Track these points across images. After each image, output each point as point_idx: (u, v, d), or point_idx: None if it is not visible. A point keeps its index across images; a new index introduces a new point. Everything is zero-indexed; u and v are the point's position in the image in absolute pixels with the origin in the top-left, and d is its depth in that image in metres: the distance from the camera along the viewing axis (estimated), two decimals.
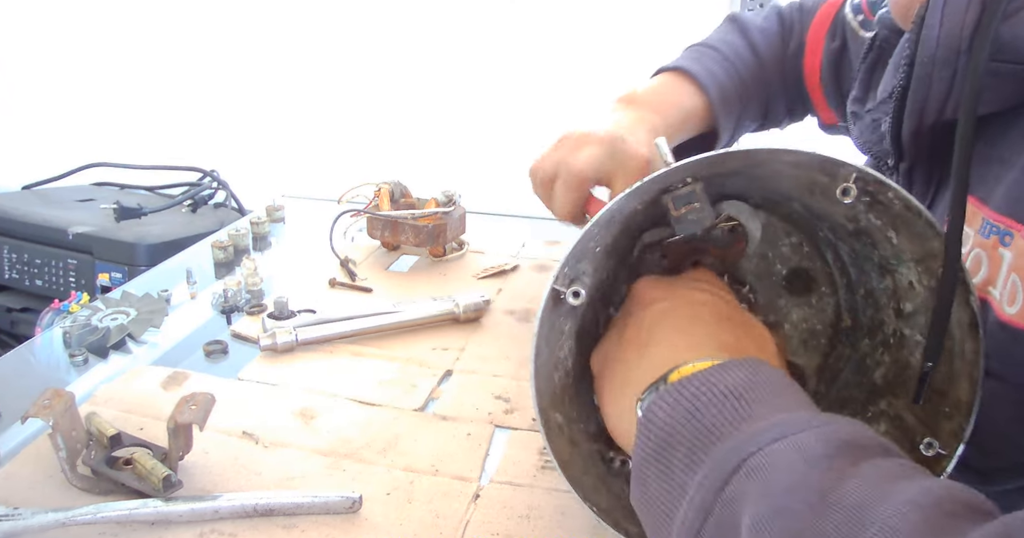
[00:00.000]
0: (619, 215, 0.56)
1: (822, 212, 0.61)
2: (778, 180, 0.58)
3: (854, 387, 0.64)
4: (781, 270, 0.67)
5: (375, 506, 0.63)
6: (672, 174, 0.54)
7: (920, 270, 0.57)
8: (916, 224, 0.54)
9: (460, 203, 1.11)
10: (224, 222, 1.63)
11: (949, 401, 0.56)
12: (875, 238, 0.58)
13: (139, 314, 0.93)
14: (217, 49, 1.84)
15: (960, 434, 0.55)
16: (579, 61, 1.64)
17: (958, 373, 0.55)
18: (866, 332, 0.64)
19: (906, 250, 0.57)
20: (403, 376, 0.83)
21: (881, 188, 0.53)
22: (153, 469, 0.62)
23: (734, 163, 0.55)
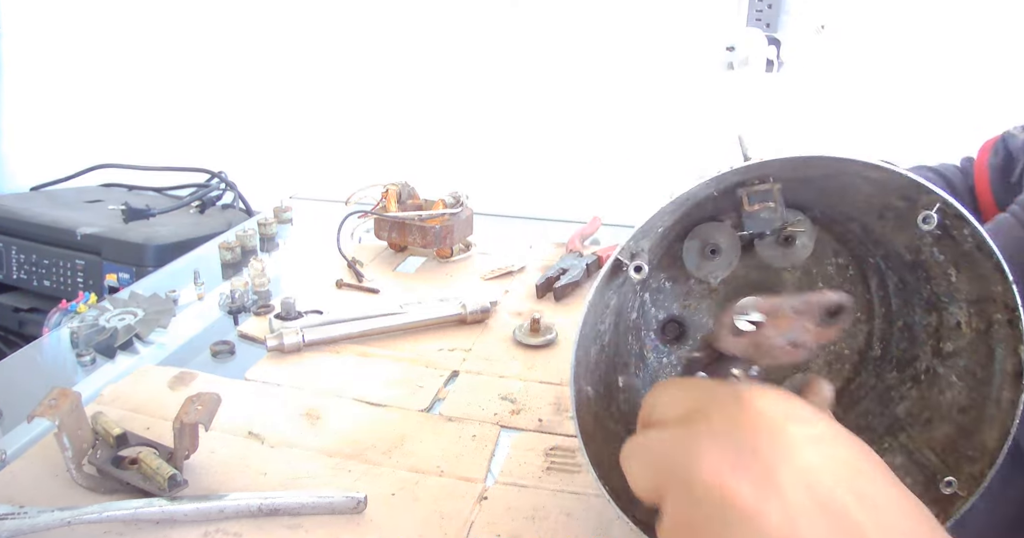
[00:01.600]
0: (691, 199, 0.55)
1: (882, 238, 0.59)
2: (850, 196, 0.56)
3: (874, 416, 0.63)
4: (820, 288, 0.66)
5: (380, 506, 0.63)
6: (754, 169, 0.52)
7: (972, 312, 0.55)
8: (983, 266, 0.53)
9: (467, 204, 1.11)
10: (232, 223, 1.63)
11: (975, 445, 0.55)
12: (931, 273, 0.57)
13: (146, 314, 0.94)
14: (225, 51, 1.85)
15: (980, 479, 0.53)
16: (584, 62, 1.63)
17: (991, 419, 0.54)
18: (895, 365, 0.63)
19: (963, 290, 0.55)
20: (409, 377, 0.83)
21: (958, 223, 0.52)
22: (159, 469, 0.62)
23: (818, 168, 0.54)
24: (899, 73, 1.50)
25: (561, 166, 1.66)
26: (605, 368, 0.62)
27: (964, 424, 0.55)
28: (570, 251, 1.12)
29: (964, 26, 1.45)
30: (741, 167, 0.51)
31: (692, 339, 0.69)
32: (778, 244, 0.64)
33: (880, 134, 1.52)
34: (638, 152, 1.58)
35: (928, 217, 0.52)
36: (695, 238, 0.64)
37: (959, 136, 1.50)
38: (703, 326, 0.69)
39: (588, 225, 1.22)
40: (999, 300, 0.53)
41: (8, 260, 1.63)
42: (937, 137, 1.51)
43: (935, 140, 1.52)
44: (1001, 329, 0.54)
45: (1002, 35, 1.44)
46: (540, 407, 0.78)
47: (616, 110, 1.62)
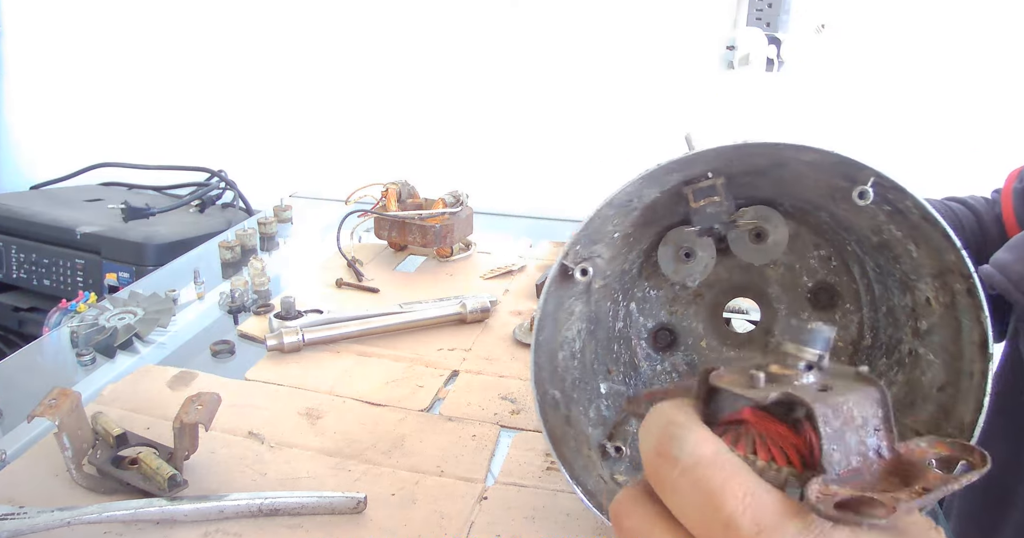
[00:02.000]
0: (638, 201, 0.55)
1: (848, 223, 0.59)
2: (803, 184, 0.57)
3: None
4: (807, 283, 0.66)
5: (380, 507, 0.63)
6: (690, 162, 0.52)
7: (937, 286, 0.55)
8: (933, 237, 0.53)
9: (467, 203, 1.11)
10: (232, 222, 1.63)
11: (954, 422, 0.54)
12: (896, 251, 0.57)
13: (146, 314, 0.94)
14: (225, 50, 1.85)
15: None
16: (585, 62, 1.63)
17: (965, 393, 0.54)
18: (884, 351, 0.63)
19: (925, 264, 0.55)
20: (409, 376, 0.83)
21: (900, 196, 0.52)
22: (159, 469, 0.62)
23: (758, 157, 0.54)
24: (899, 72, 1.50)
25: (561, 165, 1.66)
26: (580, 374, 0.62)
27: (943, 402, 0.55)
28: None
29: (964, 25, 1.45)
30: (672, 161, 0.51)
31: (684, 345, 0.70)
32: (751, 242, 0.64)
33: (880, 133, 1.52)
34: (638, 151, 1.58)
35: (864, 193, 0.51)
36: (668, 243, 0.65)
37: (959, 135, 1.51)
38: (694, 332, 0.70)
39: None
40: (955, 270, 0.53)
41: (8, 259, 1.63)
42: (937, 136, 1.52)
43: (935, 140, 1.52)
44: (962, 299, 0.54)
45: (1002, 34, 1.44)
46: None
47: (616, 109, 1.62)
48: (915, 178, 0.51)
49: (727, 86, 1.57)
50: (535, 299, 1.01)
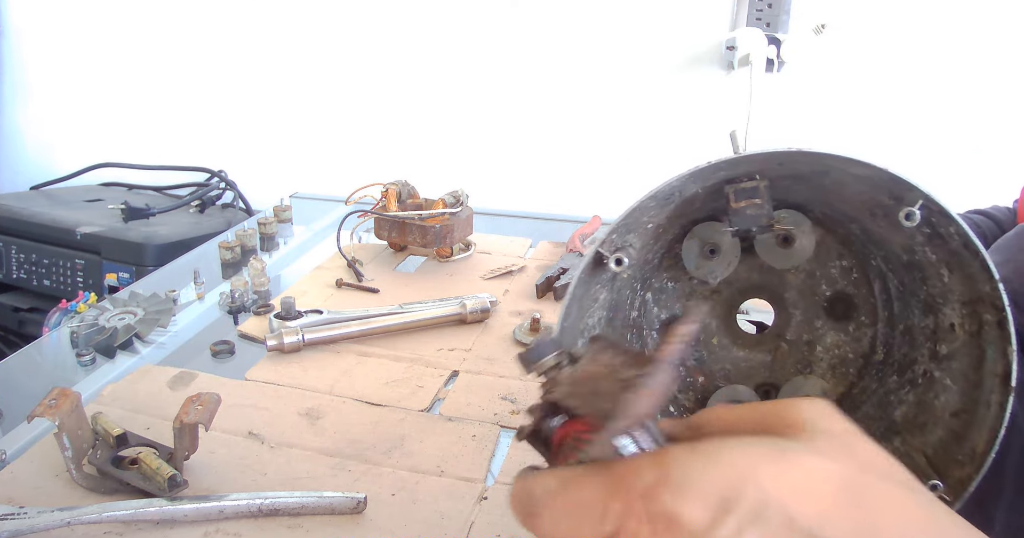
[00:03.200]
0: (679, 196, 0.55)
1: (880, 238, 0.59)
2: (842, 194, 0.56)
3: (873, 420, 0.62)
4: (825, 291, 0.66)
5: (380, 507, 0.63)
6: (738, 163, 0.52)
7: (965, 313, 0.55)
8: (971, 265, 0.52)
9: (467, 204, 1.11)
10: (232, 222, 1.63)
11: (965, 449, 0.54)
12: (927, 273, 0.56)
13: (146, 314, 0.94)
14: (225, 50, 1.85)
15: (968, 484, 0.52)
16: (585, 62, 1.63)
17: (980, 423, 0.53)
18: (896, 369, 0.62)
19: (955, 290, 0.55)
20: (409, 377, 0.83)
21: (944, 221, 0.51)
22: (159, 469, 0.62)
23: (803, 164, 0.53)
24: (900, 73, 1.50)
25: (561, 165, 1.66)
26: None
27: (956, 428, 0.55)
28: (570, 250, 1.12)
29: (965, 25, 1.45)
30: (721, 161, 0.50)
31: (696, 341, 0.69)
32: (778, 245, 0.63)
33: (881, 134, 1.52)
34: (638, 151, 1.58)
35: (911, 214, 0.51)
36: (694, 238, 0.64)
37: (960, 136, 1.51)
38: (706, 328, 0.69)
39: (588, 224, 1.22)
40: (987, 300, 0.53)
41: (8, 260, 1.63)
42: (938, 137, 1.51)
43: (936, 140, 1.52)
44: (991, 330, 0.53)
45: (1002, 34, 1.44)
46: None
47: (616, 109, 1.62)
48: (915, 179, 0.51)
49: (727, 86, 1.57)
50: (535, 299, 1.01)
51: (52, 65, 2.00)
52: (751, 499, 0.31)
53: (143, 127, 1.96)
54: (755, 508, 0.31)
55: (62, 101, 2.02)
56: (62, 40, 1.97)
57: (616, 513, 0.33)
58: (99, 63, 1.95)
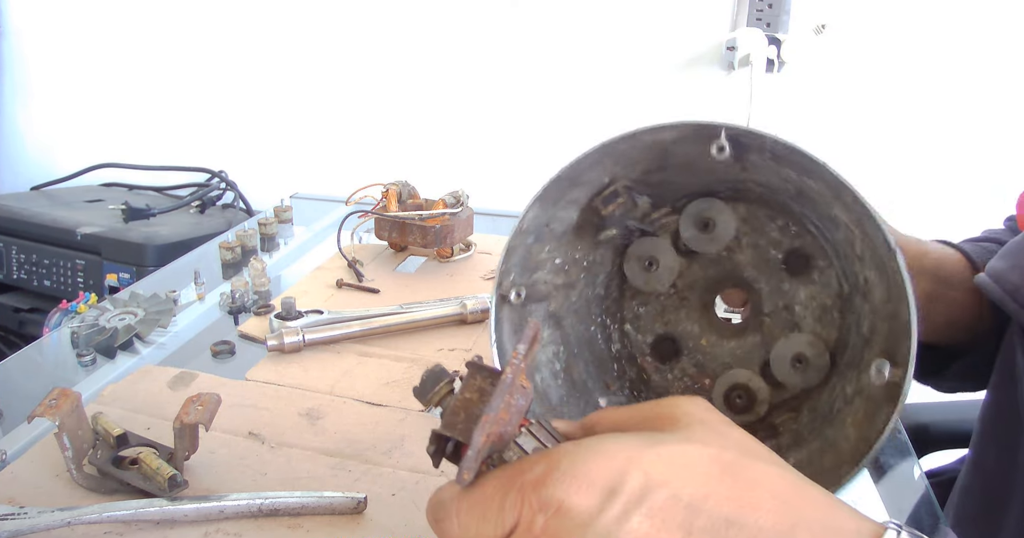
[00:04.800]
0: (558, 225, 0.61)
1: (770, 185, 0.61)
2: (694, 167, 0.59)
3: (855, 347, 0.63)
4: (777, 255, 0.68)
5: (380, 507, 0.63)
6: (573, 169, 0.57)
7: (839, 207, 0.56)
8: (804, 162, 0.54)
9: (468, 204, 1.11)
10: (232, 223, 1.63)
11: (900, 326, 0.54)
12: (808, 194, 0.59)
13: (147, 314, 0.94)
14: (225, 50, 1.85)
15: (908, 353, 0.52)
16: (585, 62, 1.63)
17: (896, 295, 0.54)
18: (858, 292, 0.63)
19: (824, 192, 0.56)
20: (410, 377, 0.83)
21: (756, 139, 0.53)
22: (159, 469, 0.62)
23: (635, 153, 0.57)
24: (900, 73, 1.50)
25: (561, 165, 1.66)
26: (567, 391, 0.66)
27: (891, 312, 0.55)
28: None
29: (965, 25, 1.45)
30: (553, 177, 0.57)
31: (687, 349, 0.71)
32: (701, 233, 0.67)
33: (880, 134, 1.52)
34: None
35: (721, 146, 0.54)
36: (630, 259, 0.69)
37: (960, 136, 1.51)
38: (692, 334, 0.71)
39: None
40: (835, 184, 0.53)
41: (8, 260, 1.64)
42: (938, 138, 1.52)
43: (936, 141, 1.52)
44: (859, 209, 0.54)
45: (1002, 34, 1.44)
46: None
47: (616, 109, 1.62)
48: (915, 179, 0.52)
49: (727, 87, 1.57)
50: None
51: (52, 65, 2.00)
52: (635, 484, 0.34)
53: (143, 127, 1.96)
54: (639, 491, 0.34)
55: (62, 101, 2.02)
56: (62, 40, 1.97)
57: (512, 505, 0.36)
58: (99, 63, 1.95)
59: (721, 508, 0.34)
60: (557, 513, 0.35)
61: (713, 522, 0.34)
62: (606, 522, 0.34)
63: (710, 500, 0.34)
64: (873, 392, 0.54)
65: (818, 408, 0.63)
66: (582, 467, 0.35)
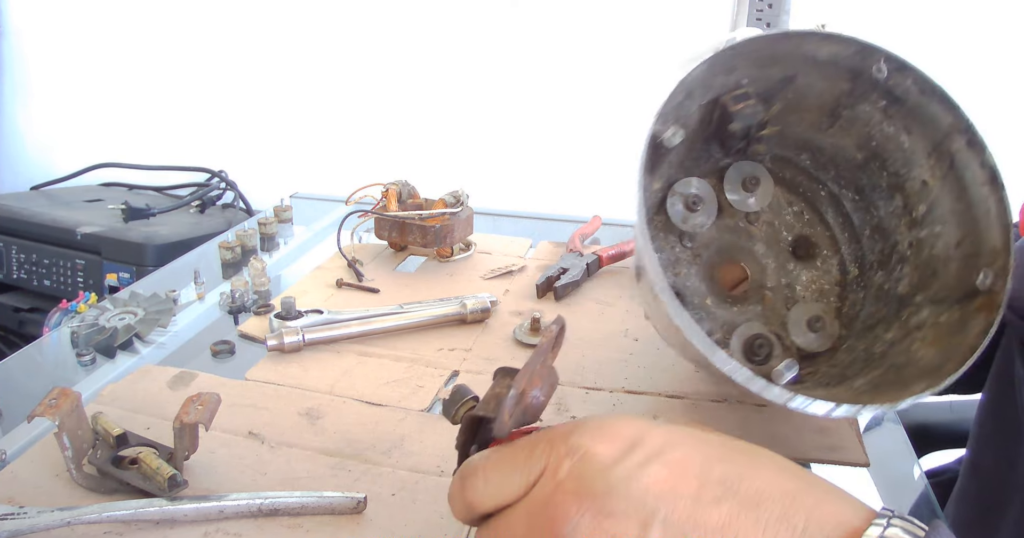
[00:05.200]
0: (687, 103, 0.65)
1: (833, 153, 0.69)
2: (806, 104, 0.66)
3: (881, 309, 0.69)
4: (787, 237, 0.76)
5: (380, 506, 0.63)
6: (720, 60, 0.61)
7: (933, 162, 0.63)
8: (931, 108, 0.61)
9: (467, 204, 1.11)
10: (232, 223, 1.63)
11: (986, 254, 0.59)
12: (885, 156, 0.66)
13: (146, 314, 0.94)
14: (225, 50, 1.85)
15: (1006, 270, 0.58)
16: (583, 61, 1.63)
17: (987, 230, 0.60)
18: (877, 267, 0.70)
19: (918, 149, 0.64)
20: (410, 376, 0.83)
21: (901, 77, 0.61)
22: (159, 469, 0.62)
23: (773, 67, 0.62)
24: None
25: (561, 165, 1.66)
26: None
27: (967, 251, 0.61)
28: (570, 251, 1.12)
29: (965, 26, 1.45)
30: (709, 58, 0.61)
31: (691, 304, 0.76)
32: (744, 190, 0.75)
33: None
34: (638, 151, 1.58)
35: (879, 68, 0.61)
36: (675, 194, 0.74)
37: None
38: (698, 291, 0.77)
39: (588, 224, 1.22)
40: (953, 131, 0.61)
41: (8, 260, 1.63)
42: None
43: None
44: (964, 155, 0.61)
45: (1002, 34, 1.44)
46: None
47: (616, 109, 1.62)
48: None
49: None
50: (535, 299, 1.01)
51: (52, 65, 2.00)
52: (655, 441, 0.39)
53: (143, 127, 1.96)
54: (659, 446, 0.38)
55: (62, 101, 2.02)
56: (62, 40, 1.97)
57: (541, 453, 0.40)
58: (99, 63, 1.95)
59: (733, 465, 0.37)
60: (582, 458, 0.38)
61: (726, 475, 0.37)
62: (628, 466, 0.37)
63: (723, 460, 0.38)
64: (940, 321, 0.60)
65: (837, 365, 0.69)
66: (608, 425, 0.40)
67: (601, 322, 0.96)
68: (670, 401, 0.78)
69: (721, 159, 0.75)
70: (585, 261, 1.06)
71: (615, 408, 0.78)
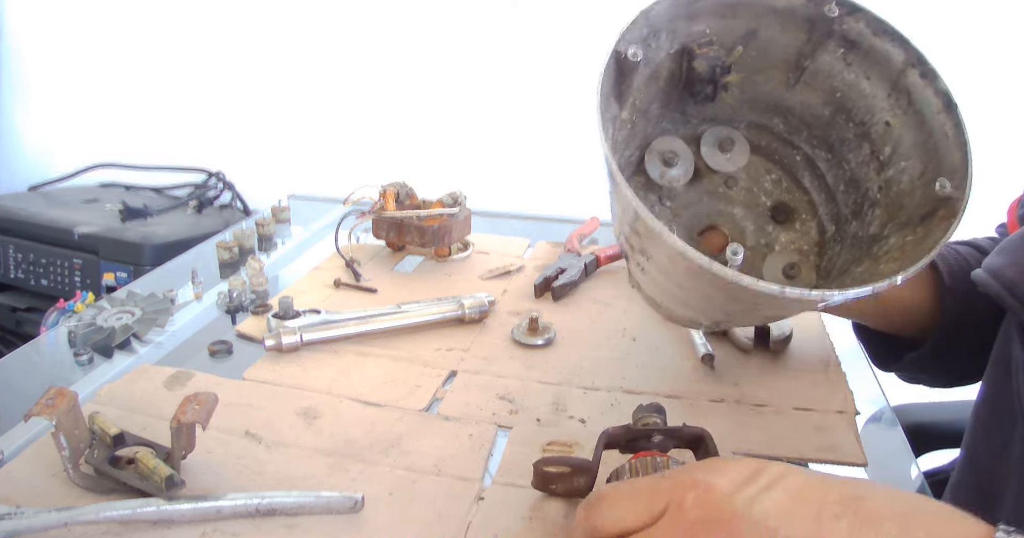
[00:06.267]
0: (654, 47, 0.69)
1: (803, 112, 0.72)
2: (769, 60, 0.70)
3: (855, 253, 0.71)
4: (766, 202, 0.79)
5: (378, 506, 0.63)
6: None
7: (892, 101, 0.67)
8: (884, 48, 0.65)
9: (465, 204, 1.11)
10: (229, 222, 1.63)
11: (947, 175, 0.63)
12: (850, 105, 0.69)
13: (144, 314, 0.93)
14: (223, 50, 1.85)
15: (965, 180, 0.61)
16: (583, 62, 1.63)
17: (947, 153, 0.63)
18: (850, 218, 0.73)
19: (878, 93, 0.67)
20: (407, 376, 0.83)
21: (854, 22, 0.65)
22: (156, 468, 0.61)
23: (735, 19, 0.67)
24: None
25: (559, 166, 1.66)
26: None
27: (928, 180, 0.64)
28: (568, 251, 1.12)
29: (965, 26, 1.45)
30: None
31: None
32: (720, 150, 0.78)
33: None
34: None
35: (831, 7, 0.64)
36: (652, 152, 0.77)
37: None
38: None
39: (586, 225, 1.22)
40: (906, 67, 0.65)
41: (6, 259, 1.63)
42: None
43: None
44: (918, 89, 0.65)
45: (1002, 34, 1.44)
46: (538, 407, 0.78)
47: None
48: None
49: None
50: (533, 299, 1.01)
51: (51, 65, 2.00)
52: (773, 471, 0.43)
53: (141, 128, 1.96)
54: (777, 476, 0.42)
55: (60, 102, 2.02)
56: (61, 41, 1.97)
57: (665, 490, 0.44)
58: (98, 64, 1.95)
59: (850, 488, 0.41)
60: (706, 489, 0.42)
61: (844, 496, 0.40)
62: (749, 493, 0.41)
63: (840, 484, 0.42)
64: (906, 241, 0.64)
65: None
66: (726, 462, 0.45)
67: (599, 322, 0.96)
68: (668, 401, 0.78)
69: (698, 125, 0.78)
70: (583, 261, 1.06)
71: (613, 408, 0.78)
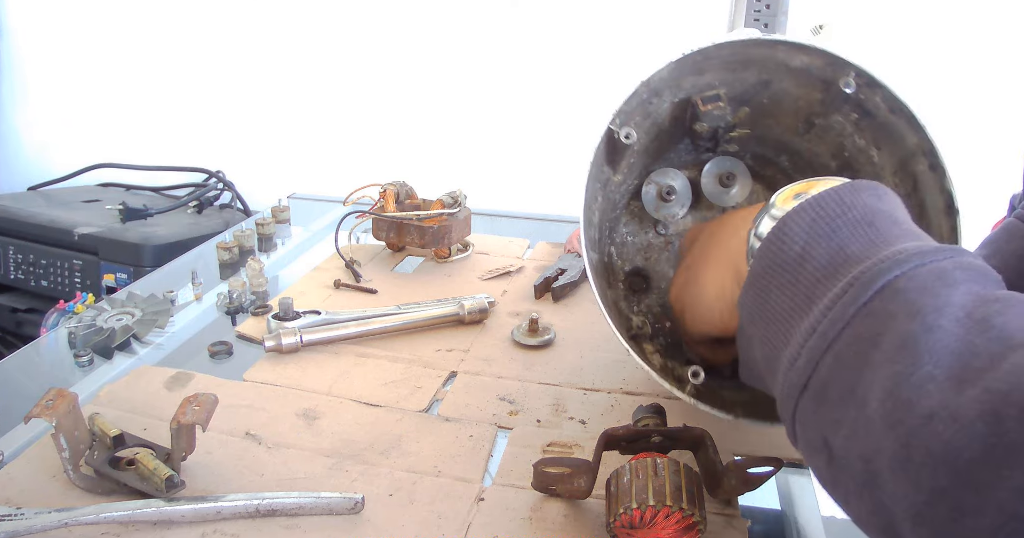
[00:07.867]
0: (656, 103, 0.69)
1: (811, 157, 0.71)
2: (781, 109, 0.69)
3: None
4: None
5: (377, 507, 0.63)
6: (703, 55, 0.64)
7: (897, 181, 0.66)
8: (898, 127, 0.63)
9: (465, 205, 1.11)
10: (229, 223, 1.63)
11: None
12: (856, 167, 0.68)
13: (144, 315, 0.93)
14: (223, 51, 1.84)
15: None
16: (582, 61, 1.63)
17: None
18: None
19: (886, 165, 0.66)
20: (407, 377, 0.83)
21: (871, 93, 0.63)
22: (156, 469, 0.61)
23: (747, 71, 0.65)
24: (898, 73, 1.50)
25: (559, 166, 1.65)
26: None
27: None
28: (568, 251, 1.12)
29: (965, 26, 1.45)
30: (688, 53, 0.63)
31: (657, 289, 0.79)
32: (720, 185, 0.77)
33: None
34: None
35: (848, 83, 0.63)
36: (651, 183, 0.77)
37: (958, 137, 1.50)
38: (665, 277, 0.79)
39: None
40: (917, 152, 0.63)
41: (5, 260, 1.63)
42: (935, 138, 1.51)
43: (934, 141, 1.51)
44: (925, 178, 0.64)
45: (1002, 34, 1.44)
46: (538, 407, 0.78)
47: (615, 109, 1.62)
48: None
49: None
50: (533, 300, 1.01)
51: (50, 65, 2.00)
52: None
53: (141, 128, 1.95)
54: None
55: (60, 101, 2.01)
56: (61, 40, 1.97)
57: None
58: (97, 63, 1.95)
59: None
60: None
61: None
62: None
63: None
64: None
65: None
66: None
67: (599, 323, 0.95)
68: (668, 402, 0.78)
69: (702, 153, 0.77)
70: (583, 262, 1.06)
71: (613, 409, 0.78)
